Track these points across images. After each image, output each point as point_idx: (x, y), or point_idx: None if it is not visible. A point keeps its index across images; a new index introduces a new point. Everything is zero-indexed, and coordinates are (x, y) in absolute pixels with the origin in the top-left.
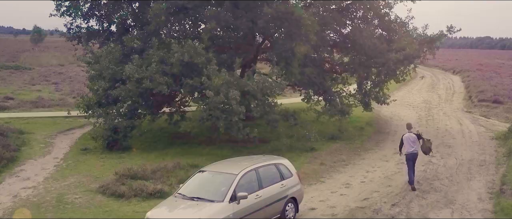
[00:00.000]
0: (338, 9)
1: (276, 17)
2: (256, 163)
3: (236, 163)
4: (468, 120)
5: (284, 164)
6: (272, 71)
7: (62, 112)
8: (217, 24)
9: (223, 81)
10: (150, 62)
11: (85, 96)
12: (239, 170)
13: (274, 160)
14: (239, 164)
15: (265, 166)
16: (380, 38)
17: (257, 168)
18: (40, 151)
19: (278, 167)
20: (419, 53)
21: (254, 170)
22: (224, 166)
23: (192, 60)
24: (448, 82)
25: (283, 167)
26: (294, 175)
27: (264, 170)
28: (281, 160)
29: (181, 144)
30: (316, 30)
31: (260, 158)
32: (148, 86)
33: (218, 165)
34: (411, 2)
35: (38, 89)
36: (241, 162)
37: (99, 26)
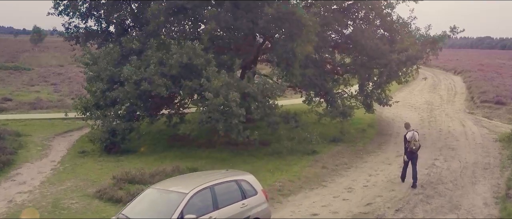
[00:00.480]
0: (340, 9)
1: (277, 18)
2: (213, 180)
3: (190, 180)
4: (470, 121)
5: (247, 181)
6: (273, 72)
7: (60, 113)
8: (217, 25)
9: (223, 83)
10: (149, 63)
11: (82, 98)
12: (190, 188)
13: (236, 176)
14: (193, 181)
15: (223, 183)
16: (382, 38)
17: (213, 185)
18: (37, 154)
19: (240, 184)
20: (421, 54)
21: (208, 188)
22: (175, 183)
23: (191, 61)
24: (449, 82)
25: (245, 184)
26: (259, 192)
27: (222, 187)
28: (244, 175)
29: (180, 146)
30: (317, 30)
31: (220, 173)
32: (146, 88)
33: (169, 182)
34: (414, 2)
35: (36, 90)
36: (196, 178)
37: (98, 27)
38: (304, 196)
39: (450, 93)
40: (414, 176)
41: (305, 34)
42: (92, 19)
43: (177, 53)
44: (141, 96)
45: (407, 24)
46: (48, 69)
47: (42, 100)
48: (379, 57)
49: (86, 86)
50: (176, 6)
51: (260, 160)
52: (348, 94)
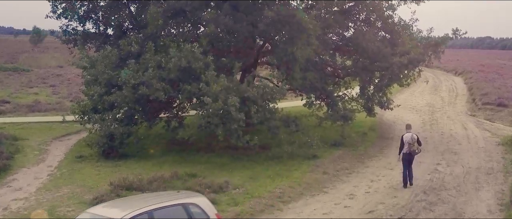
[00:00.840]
0: (341, 11)
1: (277, 20)
2: (155, 204)
3: (129, 203)
4: (472, 124)
5: (198, 204)
6: (273, 74)
7: (59, 116)
8: (216, 28)
9: (222, 88)
10: (147, 67)
11: (80, 102)
12: (123, 214)
13: (185, 198)
14: (132, 205)
15: (166, 207)
16: (384, 41)
17: (153, 210)
18: (34, 159)
19: (187, 209)
20: (424, 57)
21: (146, 213)
22: (110, 208)
23: (190, 65)
24: (450, 84)
25: (195, 208)
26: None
27: (164, 212)
28: (195, 198)
29: (179, 151)
30: (317, 34)
31: (168, 195)
32: (144, 92)
33: (108, 206)
34: (415, 4)
35: (35, 92)
36: (137, 201)
37: (96, 29)
38: (304, 203)
39: (451, 95)
40: (411, 176)
41: (306, 38)
42: (90, 22)
43: (176, 56)
44: (139, 101)
45: (408, 26)
46: (47, 71)
47: (40, 102)
48: (380, 60)
49: (84, 90)
50: (174, 8)
51: (260, 165)
52: (349, 97)
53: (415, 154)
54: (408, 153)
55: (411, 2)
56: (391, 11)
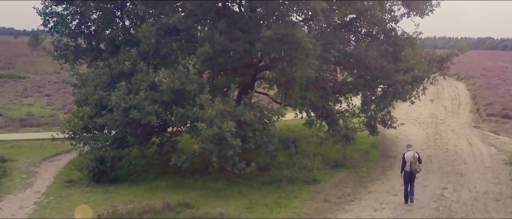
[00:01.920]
0: (342, 24)
1: (276, 39)
2: None
3: None
4: (477, 138)
5: None
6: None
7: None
8: (211, 47)
9: (217, 112)
10: (139, 88)
11: (71, 121)
12: None
13: None
14: None
15: None
16: (387, 55)
17: None
18: (21, 183)
19: None
20: (428, 74)
21: None
22: None
23: (184, 87)
24: (453, 90)
25: None
26: None
27: None
28: None
29: (173, 173)
30: (318, 53)
31: None
32: (135, 116)
33: None
34: (419, 17)
35: (29, 103)
36: None
37: (88, 44)
38: None
39: (454, 103)
40: (412, 193)
41: (305, 58)
42: (82, 36)
43: (169, 78)
44: (131, 124)
45: (412, 39)
46: (44, 78)
47: (33, 115)
48: (383, 76)
49: (74, 112)
50: (168, 27)
51: (257, 191)
52: (350, 112)
53: (417, 173)
54: (410, 171)
55: (415, 16)
56: (394, 22)
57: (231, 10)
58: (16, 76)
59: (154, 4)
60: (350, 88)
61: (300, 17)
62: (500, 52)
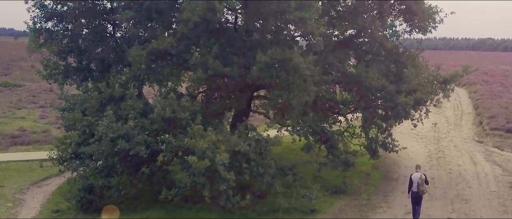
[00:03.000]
0: (341, 41)
1: (271, 65)
2: None
3: None
4: (481, 155)
5: None
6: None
7: (42, 151)
8: (204, 73)
9: (210, 143)
10: (128, 115)
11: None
12: None
13: None
14: None
15: None
16: (388, 74)
17: None
18: (6, 214)
19: None
20: (431, 96)
21: None
22: None
23: (175, 115)
24: (454, 98)
25: None
26: None
27: None
28: None
29: (164, 203)
30: (316, 80)
31: None
32: (123, 147)
33: None
34: (421, 35)
35: (22, 116)
36: None
37: (78, 63)
38: None
39: (457, 114)
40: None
41: (303, 84)
42: (72, 55)
43: (159, 105)
44: (119, 154)
45: (414, 57)
46: (40, 86)
47: (25, 131)
48: (384, 98)
49: (61, 138)
50: (159, 51)
51: None
52: (350, 132)
53: (423, 194)
54: (416, 191)
55: (418, 33)
56: (395, 38)
57: (225, 32)
58: (12, 84)
59: (145, 27)
60: (350, 109)
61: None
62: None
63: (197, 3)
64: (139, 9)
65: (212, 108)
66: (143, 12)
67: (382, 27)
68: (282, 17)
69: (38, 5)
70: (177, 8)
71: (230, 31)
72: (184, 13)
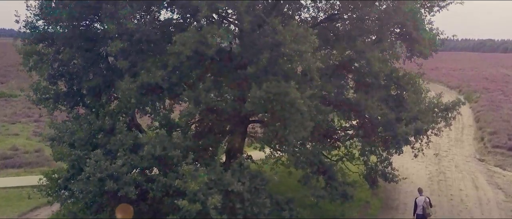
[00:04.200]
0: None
1: (267, 99)
2: None
3: None
4: (483, 176)
5: None
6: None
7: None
8: (197, 106)
9: (201, 185)
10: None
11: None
12: None
13: None
14: None
15: None
16: (388, 100)
17: None
18: None
19: None
20: (432, 125)
21: None
22: None
23: (166, 153)
24: None
25: None
26: None
27: None
28: None
29: None
30: (313, 115)
31: None
32: (112, 188)
33: None
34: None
35: (15, 133)
36: None
37: (69, 88)
38: None
39: (458, 127)
40: None
41: (300, 119)
42: (63, 80)
43: (150, 143)
44: (108, 193)
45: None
46: None
47: (18, 151)
48: (384, 127)
49: (48, 173)
50: (149, 85)
51: None
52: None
53: (428, 217)
54: (422, 214)
55: (419, 58)
56: (395, 59)
57: (219, 62)
58: (7, 95)
59: (135, 58)
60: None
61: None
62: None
63: (188, 35)
64: (129, 41)
65: (205, 143)
66: (134, 43)
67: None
68: (277, 50)
69: (29, 27)
70: (169, 39)
71: (223, 61)
72: (175, 45)
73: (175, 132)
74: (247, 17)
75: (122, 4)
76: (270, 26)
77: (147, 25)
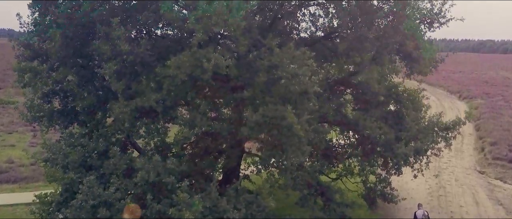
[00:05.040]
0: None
1: (263, 123)
2: None
3: None
4: (483, 190)
5: None
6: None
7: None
8: (191, 130)
9: (196, 213)
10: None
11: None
12: None
13: None
14: None
15: None
16: (387, 117)
17: None
18: None
19: None
20: (432, 145)
21: None
22: None
23: (160, 178)
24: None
25: None
26: None
27: None
28: None
29: None
30: (310, 138)
31: None
32: (104, 215)
33: None
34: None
35: (12, 144)
36: None
37: (63, 106)
38: None
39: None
40: None
41: (297, 144)
42: (58, 97)
43: (143, 168)
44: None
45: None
46: None
47: (14, 163)
48: (384, 146)
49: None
50: (143, 108)
51: None
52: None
53: None
54: None
55: (418, 75)
56: (395, 74)
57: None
58: (5, 102)
59: (129, 81)
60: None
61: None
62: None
63: (184, 59)
64: (123, 62)
65: (200, 165)
66: (128, 65)
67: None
68: (274, 72)
69: (22, 44)
70: (164, 61)
71: (219, 82)
72: (170, 69)
73: (169, 158)
74: (244, 40)
75: (116, 25)
76: (267, 48)
77: (142, 47)
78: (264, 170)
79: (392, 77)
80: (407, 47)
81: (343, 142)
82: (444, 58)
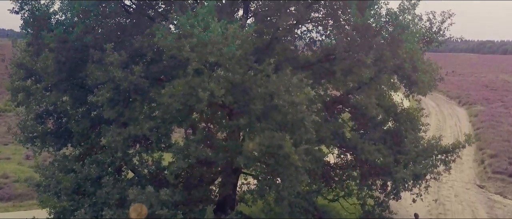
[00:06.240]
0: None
1: (260, 152)
2: None
3: None
4: (483, 207)
5: None
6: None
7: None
8: (185, 160)
9: None
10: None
11: None
12: None
13: None
14: None
15: None
16: (386, 137)
17: None
18: None
19: None
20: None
21: None
22: None
23: (153, 210)
24: (454, 123)
25: None
26: None
27: None
28: None
29: None
30: (308, 168)
31: None
32: None
33: None
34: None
35: (7, 157)
36: None
37: (56, 127)
38: None
39: None
40: None
41: (294, 173)
42: (51, 119)
43: (136, 200)
44: None
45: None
46: None
47: (8, 178)
48: (382, 170)
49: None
50: (136, 137)
51: None
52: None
53: None
54: None
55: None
56: (393, 91)
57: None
58: (2, 110)
59: (122, 109)
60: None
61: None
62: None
63: (178, 88)
64: (116, 89)
65: (195, 195)
66: (121, 92)
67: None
68: (270, 100)
69: (15, 64)
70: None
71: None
72: (164, 97)
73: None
74: (239, 68)
75: (109, 50)
76: (263, 74)
77: (135, 74)
78: (260, 199)
79: (390, 94)
80: (406, 70)
81: (341, 161)
82: (443, 77)
